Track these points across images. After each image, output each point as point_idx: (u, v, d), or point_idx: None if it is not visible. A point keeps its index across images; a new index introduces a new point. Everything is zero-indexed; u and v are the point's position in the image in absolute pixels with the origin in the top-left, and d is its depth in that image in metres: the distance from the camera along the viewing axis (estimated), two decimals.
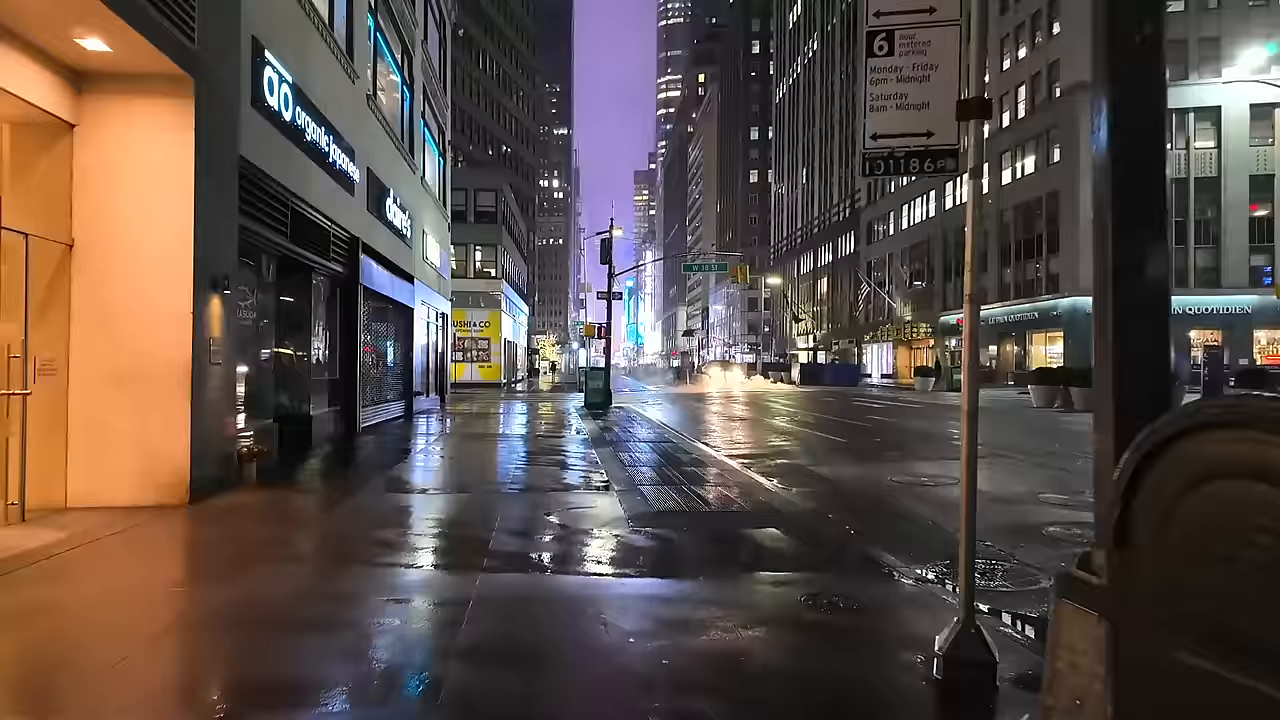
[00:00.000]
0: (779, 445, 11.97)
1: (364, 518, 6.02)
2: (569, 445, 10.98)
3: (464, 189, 39.74)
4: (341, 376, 11.78)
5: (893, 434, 13.63)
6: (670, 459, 9.43)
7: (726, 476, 8.06)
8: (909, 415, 18.31)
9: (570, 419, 16.13)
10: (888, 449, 11.33)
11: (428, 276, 18.56)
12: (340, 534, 5.44)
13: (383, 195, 13.50)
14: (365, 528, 5.62)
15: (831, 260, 67.02)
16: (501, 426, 14.62)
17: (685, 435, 12.86)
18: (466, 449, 10.71)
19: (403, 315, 16.29)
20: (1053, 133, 36.05)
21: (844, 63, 64.74)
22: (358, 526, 5.68)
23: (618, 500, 6.58)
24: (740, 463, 9.46)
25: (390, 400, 15.15)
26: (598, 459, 9.32)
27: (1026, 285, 38.30)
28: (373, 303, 13.81)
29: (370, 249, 12.71)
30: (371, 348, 13.85)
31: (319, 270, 10.57)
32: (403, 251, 15.42)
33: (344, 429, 11.70)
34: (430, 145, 19.67)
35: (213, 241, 6.58)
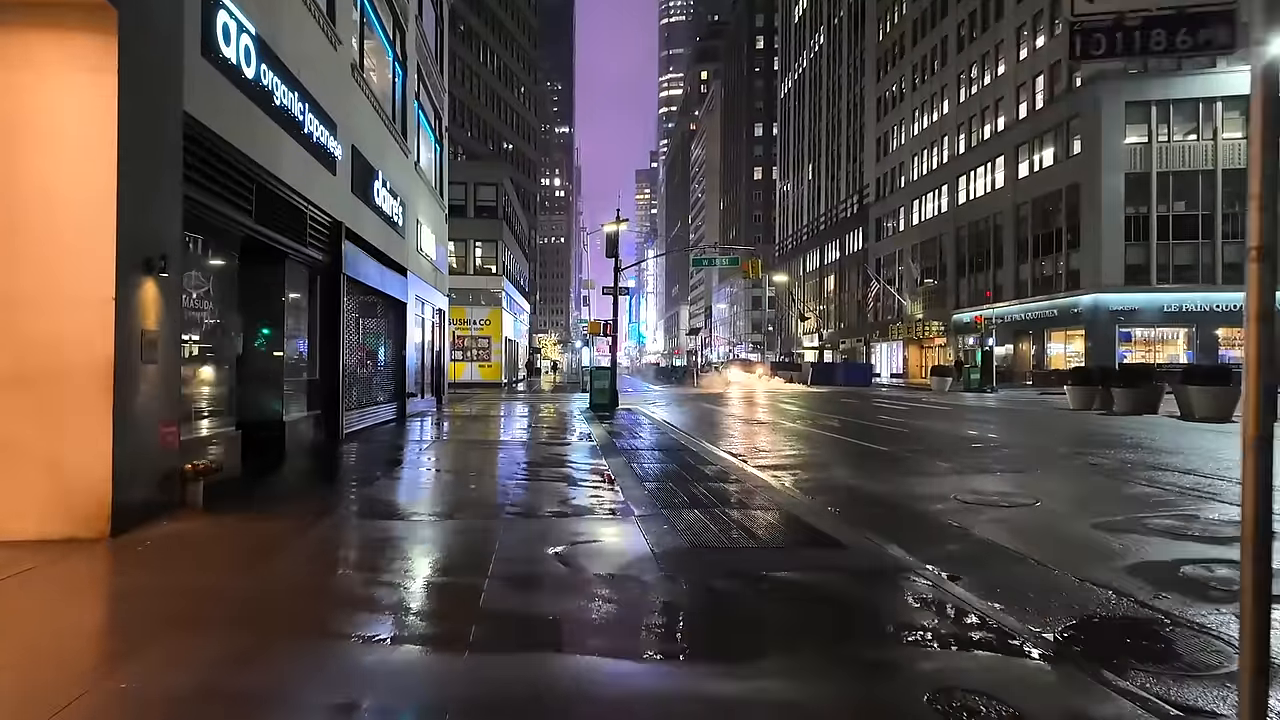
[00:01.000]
0: (810, 454, 10.74)
1: (327, 558, 4.81)
2: (576, 454, 9.77)
3: (463, 183, 38.55)
4: (322, 377, 10.57)
5: (930, 440, 12.41)
6: (692, 471, 8.22)
7: (762, 495, 6.85)
8: (937, 417, 17.09)
9: (575, 422, 14.93)
10: (933, 458, 10.11)
11: (422, 269, 17.36)
12: (291, 583, 4.23)
13: (370, 178, 12.29)
14: (325, 574, 4.41)
15: (839, 257, 65.75)
16: (501, 431, 13.41)
17: (702, 441, 11.65)
18: (461, 459, 9.50)
19: (394, 310, 15.08)
20: (1073, 123, 34.78)
21: (851, 56, 63.46)
22: (316, 572, 4.47)
23: (639, 529, 5.37)
24: (773, 475, 8.24)
25: (380, 403, 13.95)
26: (609, 471, 8.11)
27: (1044, 282, 37.04)
28: (360, 296, 12.61)
29: (355, 236, 11.50)
30: (359, 345, 12.65)
31: (295, 257, 9.36)
32: (394, 241, 14.21)
33: (325, 436, 10.49)
34: (426, 130, 18.46)
35: (144, 213, 5.37)
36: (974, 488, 7.59)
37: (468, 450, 10.36)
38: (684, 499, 6.58)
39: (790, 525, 5.64)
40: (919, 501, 6.93)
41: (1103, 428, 14.22)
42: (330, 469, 8.52)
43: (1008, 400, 25.40)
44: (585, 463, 8.93)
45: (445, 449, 10.53)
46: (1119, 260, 32.96)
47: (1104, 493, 7.39)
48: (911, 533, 5.62)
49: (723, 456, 9.76)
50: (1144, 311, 32.83)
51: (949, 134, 46.47)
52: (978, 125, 43.21)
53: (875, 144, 57.76)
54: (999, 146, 40.61)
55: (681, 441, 11.48)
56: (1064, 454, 10.38)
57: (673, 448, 10.60)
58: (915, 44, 51.15)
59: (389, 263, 13.99)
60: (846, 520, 5.86)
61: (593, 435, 12.15)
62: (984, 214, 41.94)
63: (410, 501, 6.63)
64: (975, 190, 43.26)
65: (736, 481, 7.65)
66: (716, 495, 6.78)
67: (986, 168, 42.03)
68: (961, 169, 44.59)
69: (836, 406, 21.28)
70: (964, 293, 44.46)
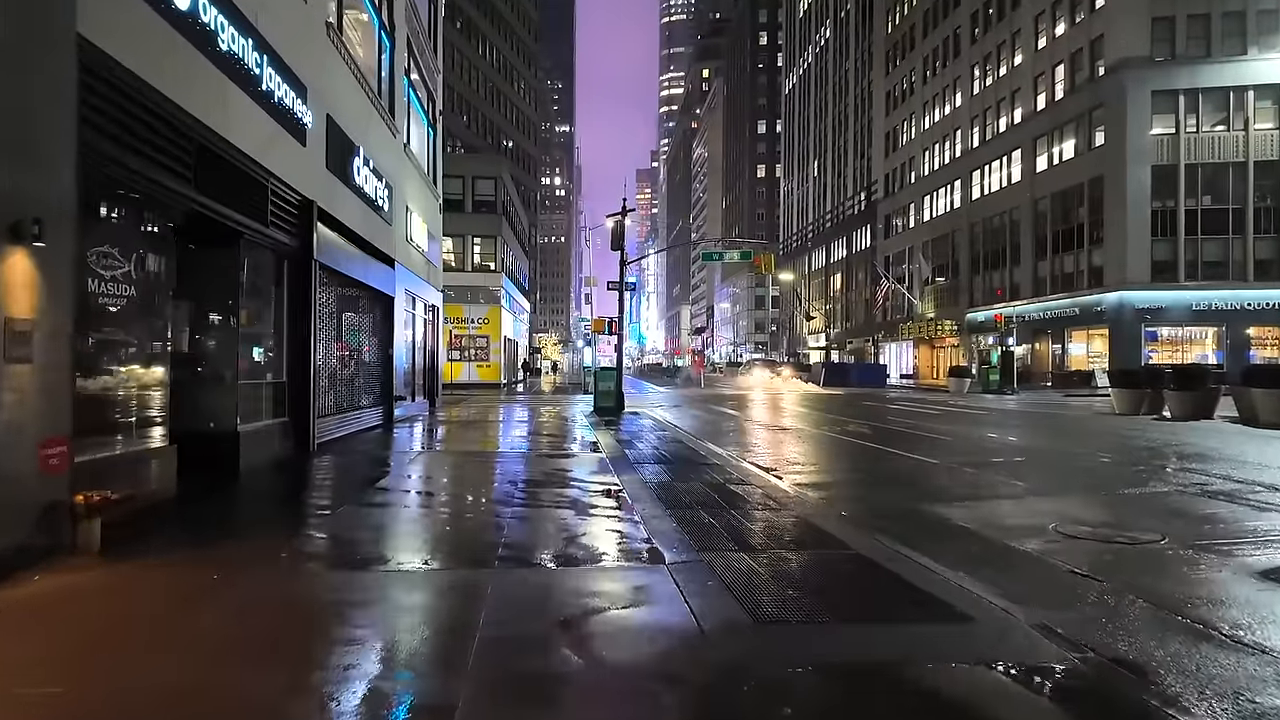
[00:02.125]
0: (853, 468, 9.35)
1: (243, 637, 3.41)
2: (582, 469, 8.37)
3: (461, 176, 37.19)
4: (291, 379, 9.18)
5: (980, 450, 11.02)
6: (722, 492, 6.83)
7: (821, 528, 5.47)
8: (972, 422, 15.70)
9: (580, 428, 13.54)
10: (994, 472, 8.72)
11: (412, 261, 15.97)
12: (167, 689, 2.83)
13: (349, 154, 10.90)
14: (232, 669, 3.02)
15: (845, 255, 64.35)
16: (499, 439, 12.02)
17: (723, 451, 10.26)
18: (449, 477, 8.11)
19: (380, 305, 13.70)
20: (1095, 114, 33.39)
21: (858, 49, 62.10)
22: (220, 664, 3.07)
23: (676, 587, 3.98)
24: (820, 498, 6.86)
25: (363, 407, 12.56)
26: (626, 495, 6.72)
27: (1064, 279, 35.63)
28: (338, 287, 11.22)
29: (330, 218, 10.11)
30: (338, 343, 11.26)
31: (255, 239, 7.97)
32: (379, 228, 12.82)
33: (293, 447, 9.09)
34: (418, 111, 17.07)
35: (7, 161, 3.99)
36: (1067, 514, 6.19)
37: (458, 464, 8.95)
38: (723, 535, 5.19)
39: (874, 579, 4.24)
40: (1013, 535, 5.54)
41: (1166, 436, 12.82)
42: (289, 491, 7.12)
43: (1036, 403, 24.00)
44: (594, 481, 7.53)
45: (432, 463, 9.12)
46: (1145, 256, 31.57)
47: (1232, 523, 6.00)
48: (1044, 591, 4.22)
49: (752, 471, 8.37)
50: (1171, 310, 31.44)
51: (962, 127, 45.07)
52: (993, 118, 41.81)
53: (884, 139, 56.35)
54: (1016, 139, 39.21)
55: (700, 452, 10.09)
56: (1145, 470, 8.98)
57: (693, 460, 9.21)
58: (926, 36, 49.77)
59: (373, 251, 12.61)
60: (945, 570, 4.46)
61: (600, 444, 10.76)
62: (1000, 209, 40.55)
63: (378, 540, 5.23)
64: (990, 185, 41.86)
65: (778, 506, 6.26)
66: (767, 531, 5.40)
67: (1002, 161, 40.64)
68: (975, 163, 43.19)
69: (858, 410, 19.88)
70: (978, 291, 43.06)
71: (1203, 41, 31.36)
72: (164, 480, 6.02)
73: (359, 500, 6.52)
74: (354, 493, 6.99)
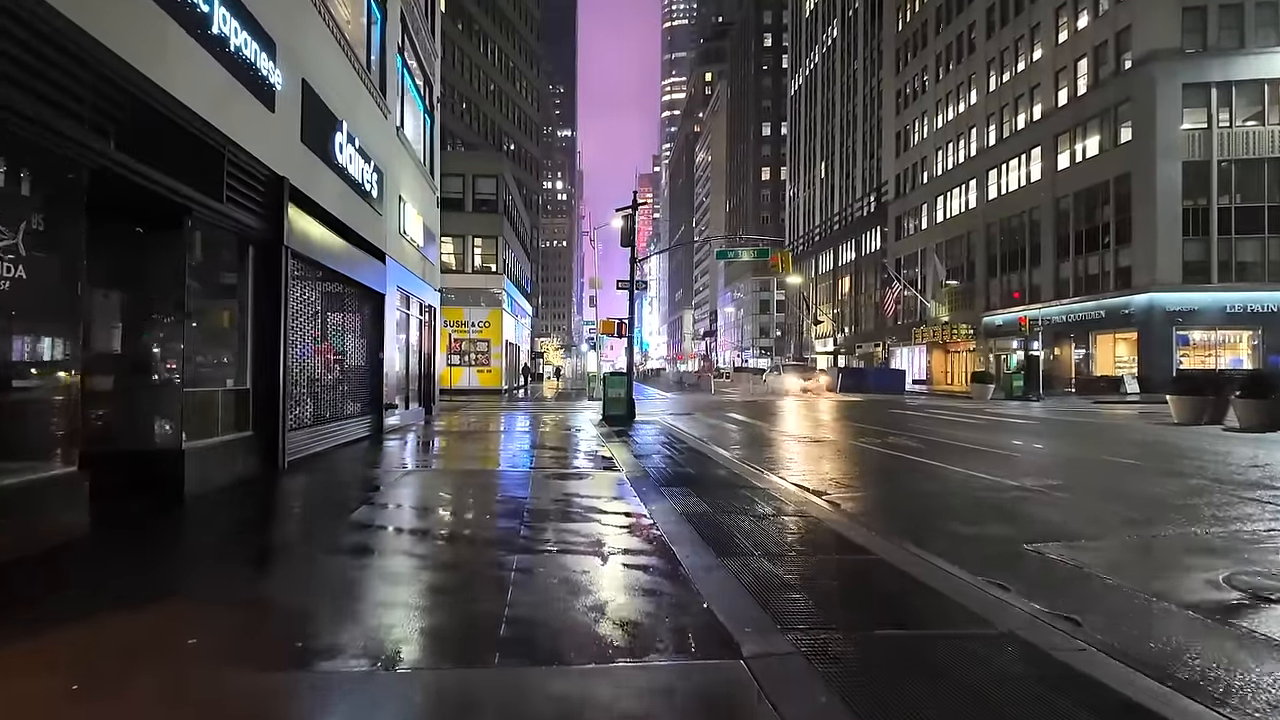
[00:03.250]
0: (922, 494, 7.95)
1: None
2: (602, 496, 6.98)
3: (460, 174, 35.94)
4: (256, 385, 7.81)
5: (1051, 469, 9.63)
6: (783, 532, 5.45)
7: (930, 587, 4.08)
8: (1020, 433, 14.30)
9: (591, 440, 12.16)
10: (1087, 499, 7.33)
11: (406, 256, 14.62)
12: None
13: (330, 128, 9.56)
14: None
15: (854, 258, 63.02)
16: (499, 454, 10.63)
17: (762, 471, 8.88)
18: (436, 507, 6.72)
19: (369, 303, 12.33)
20: (1122, 109, 32.07)
21: (867, 48, 60.92)
22: None
23: (773, 710, 2.59)
24: (906, 534, 5.47)
25: (348, 417, 11.17)
26: (661, 532, 5.34)
27: (1089, 281, 34.24)
28: (318, 282, 9.87)
29: (307, 200, 8.75)
30: (317, 344, 9.90)
31: (208, 217, 6.62)
32: (366, 216, 11.47)
33: (258, 465, 7.71)
34: (413, 95, 15.76)
35: None
36: (1215, 557, 4.80)
37: (451, 488, 7.55)
38: (806, 601, 3.80)
39: (1062, 686, 2.84)
40: (1182, 593, 4.15)
41: (1253, 450, 11.41)
42: (236, 527, 5.72)
43: (1071, 410, 22.57)
44: (617, 512, 6.14)
45: (421, 486, 7.72)
46: (1176, 256, 30.19)
47: None
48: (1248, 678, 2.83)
49: (801, 496, 6.98)
50: (1204, 312, 30.03)
51: (977, 125, 43.76)
52: (1010, 115, 40.49)
53: (894, 139, 55.07)
54: (1035, 137, 37.88)
55: (733, 470, 8.70)
56: (1273, 497, 7.58)
57: (727, 481, 7.81)
58: (939, 32, 48.54)
59: (360, 243, 11.25)
60: (1153, 682, 3.07)
61: (616, 460, 9.37)
62: (1018, 209, 39.20)
63: (334, 612, 3.82)
64: (1008, 184, 40.52)
65: (859, 550, 4.88)
66: (855, 588, 4.02)
67: (1020, 160, 39.31)
68: (992, 162, 41.86)
69: (887, 418, 18.48)
70: (995, 293, 41.70)
71: (1236, 32, 30.05)
72: (67, 516, 4.65)
73: (318, 543, 5.12)
74: (316, 529, 5.61)
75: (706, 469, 8.83)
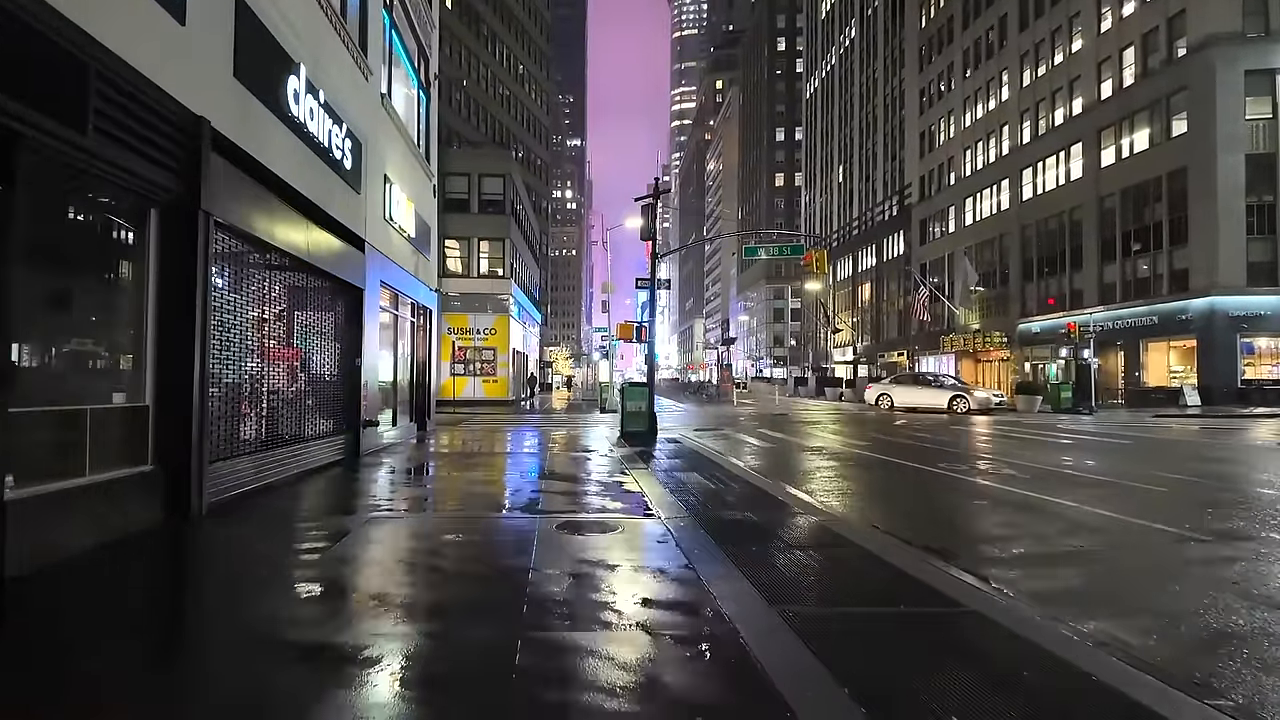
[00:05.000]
0: (1099, 559, 5.70)
1: None
2: (639, 566, 4.78)
3: (466, 174, 34.05)
4: (161, 400, 5.68)
5: (1213, 504, 7.36)
6: (936, 641, 3.25)
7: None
8: (1106, 454, 11.99)
9: (611, 464, 9.96)
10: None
11: (394, 248, 12.53)
12: None
13: (283, 69, 7.47)
14: None
15: (875, 264, 60.69)
16: (502, 488, 8.44)
17: (846, 516, 6.65)
18: (406, 594, 4.51)
19: (343, 299, 10.22)
20: (1175, 99, 29.73)
21: (888, 47, 58.89)
22: None
23: None
24: (1166, 649, 3.25)
25: (312, 439, 9.03)
26: (756, 653, 3.13)
27: (1138, 284, 31.79)
28: (274, 270, 7.77)
29: (242, 154, 6.64)
30: (267, 345, 7.77)
31: (59, 153, 4.51)
32: (335, 191, 9.38)
33: (157, 514, 5.57)
34: (403, 63, 13.74)
35: None
36: None
37: (417, 553, 5.33)
38: None
39: None
40: None
41: None
42: (44, 651, 3.54)
43: (1135, 425, 20.14)
44: (672, 600, 3.94)
45: (386, 545, 5.52)
46: (1239, 257, 27.75)
47: None
48: None
49: (938, 572, 4.77)
50: (1272, 317, 27.52)
51: (1010, 122, 41.48)
52: (1047, 110, 38.20)
53: (918, 140, 52.86)
54: (1075, 132, 35.57)
55: (812, 516, 6.48)
56: None
57: (818, 539, 5.59)
58: (966, 27, 46.40)
59: (328, 223, 9.16)
60: None
61: (648, 499, 7.16)
62: (1057, 209, 36.83)
63: None
64: (1045, 183, 38.17)
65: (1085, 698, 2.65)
66: None
67: (1059, 157, 36.98)
68: (1027, 160, 39.55)
69: (950, 437, 16.18)
70: (1031, 299, 39.27)
71: None
72: None
73: (181, 688, 2.94)
74: (193, 648, 3.43)
75: (769, 512, 6.60)
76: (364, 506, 6.81)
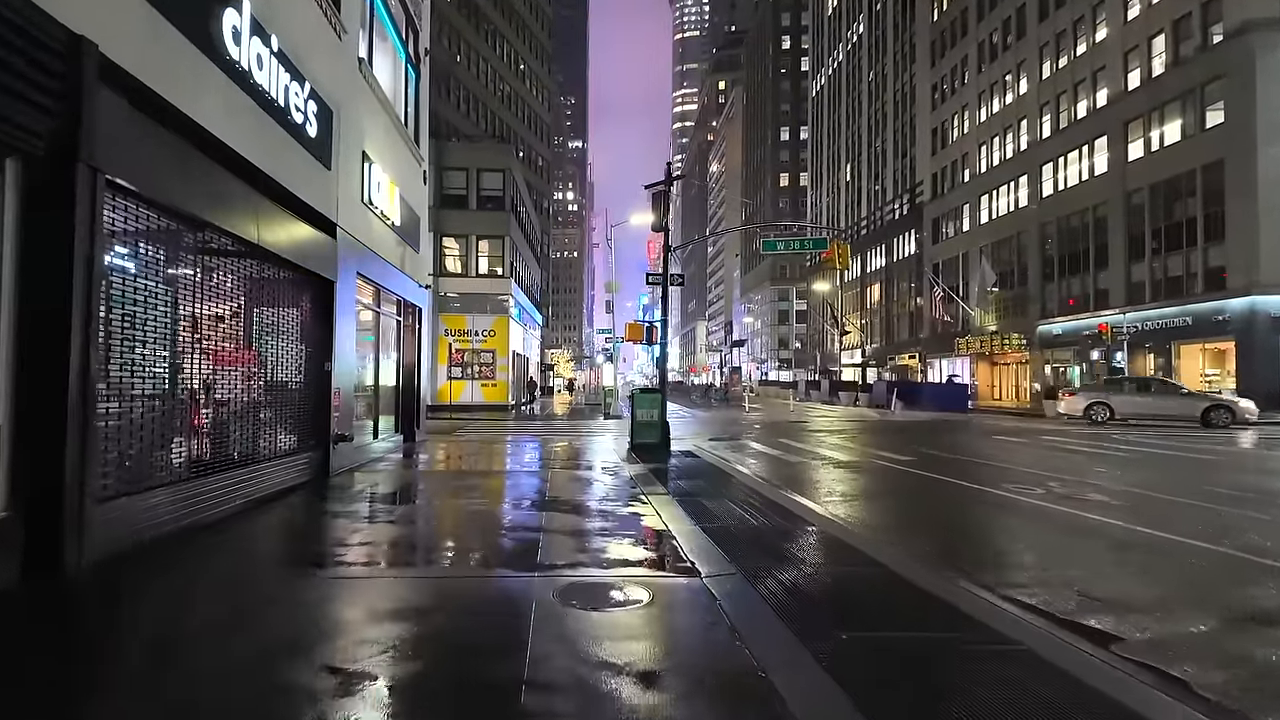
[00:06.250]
0: (1201, 604, 4.15)
1: None
2: (671, 630, 3.25)
3: (464, 169, 32.59)
4: (23, 421, 4.15)
5: None
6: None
7: None
8: (1178, 469, 10.45)
9: (623, 486, 8.43)
10: None
11: (375, 236, 11.01)
12: None
13: (218, 1, 5.96)
14: None
15: (885, 265, 59.16)
16: (485, 530, 6.90)
17: (938, 568, 5.12)
18: (345, 698, 2.97)
19: (307, 292, 8.70)
20: (1210, 89, 28.19)
21: (898, 42, 57.44)
22: None
23: None
24: None
25: (266, 460, 7.49)
26: None
27: (1170, 284, 30.20)
28: (211, 256, 6.24)
29: (150, 95, 5.12)
30: (214, 349, 6.24)
31: None
32: (295, 161, 7.86)
33: (17, 572, 4.04)
34: (386, 28, 12.23)
35: None
36: None
37: (382, 639, 3.79)
38: None
39: None
40: None
41: None
42: None
43: (1184, 433, 18.57)
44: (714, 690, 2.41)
45: (332, 617, 3.99)
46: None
47: None
48: None
49: (1107, 668, 3.23)
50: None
51: (1029, 116, 39.95)
52: (1068, 103, 36.66)
53: (930, 136, 51.35)
54: (1100, 125, 34.03)
55: (875, 557, 4.94)
56: None
57: (921, 606, 4.06)
58: (982, 19, 44.91)
59: (283, 197, 7.64)
60: None
61: (676, 538, 5.63)
62: (1080, 206, 35.27)
63: None
64: (1067, 179, 36.62)
65: None
66: None
67: (1082, 152, 35.44)
68: (1046, 155, 38.00)
69: (996, 449, 14.64)
70: (1051, 300, 37.70)
71: None
72: None
73: None
74: None
75: (854, 573, 5.05)
76: (304, 558, 5.26)
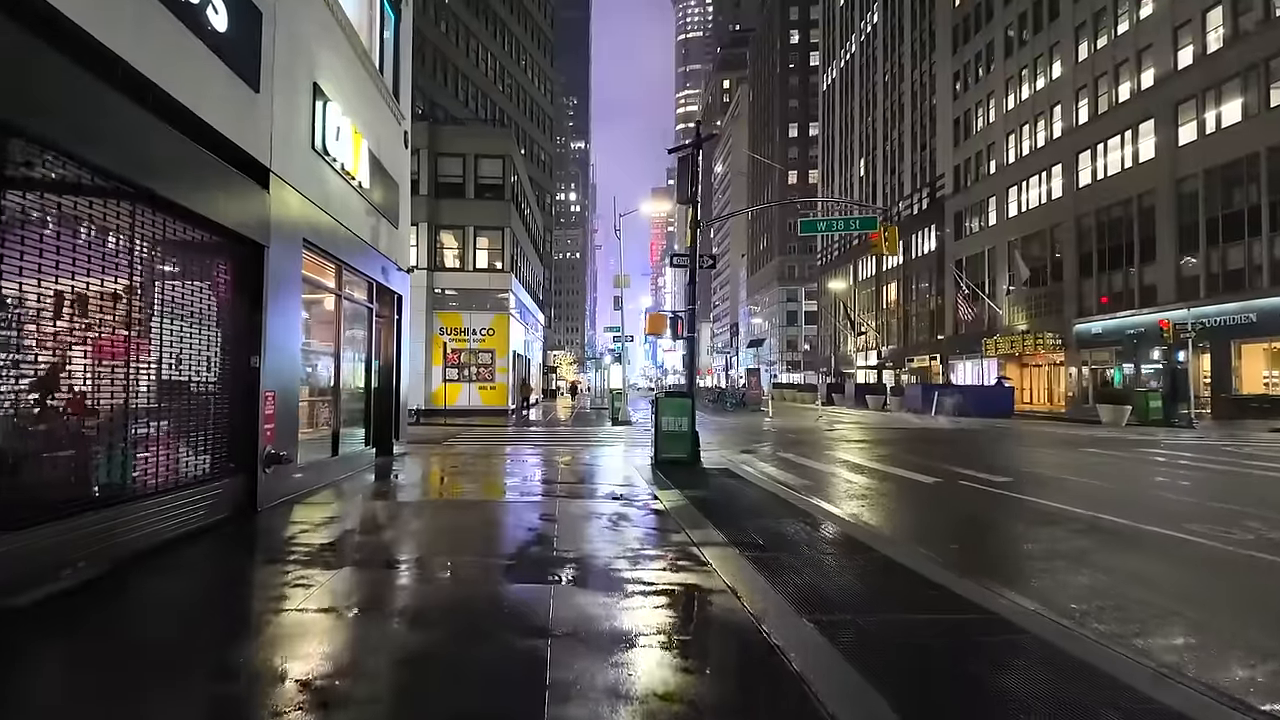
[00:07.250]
0: None
1: None
2: None
3: (461, 155, 30.22)
4: None
5: None
6: None
7: None
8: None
9: (653, 521, 6.05)
10: None
11: (332, 198, 8.62)
12: None
13: None
14: None
15: (902, 262, 56.68)
16: (477, 598, 4.51)
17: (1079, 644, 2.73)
18: None
19: (226, 262, 6.31)
20: (1275, 64, 25.76)
21: (916, 30, 55.03)
22: None
23: None
24: None
25: (148, 495, 5.11)
26: None
27: (1228, 278, 27.75)
28: (50, 189, 3.85)
29: None
30: (52, 335, 3.87)
31: None
32: (197, 69, 5.48)
33: None
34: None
35: None
36: None
37: None
38: None
39: None
40: None
41: None
42: None
43: (1272, 443, 16.12)
44: None
45: None
46: None
47: None
48: None
49: None
50: None
51: (1063, 102, 37.50)
52: (1109, 85, 34.23)
53: (952, 127, 48.92)
54: (1146, 108, 31.59)
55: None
56: None
57: None
58: (1009, 2, 42.50)
59: (186, 123, 5.26)
60: None
61: (766, 630, 3.23)
62: (1122, 195, 32.82)
63: None
64: (1107, 166, 34.18)
65: None
66: None
67: (1124, 138, 33.00)
68: (1084, 143, 35.56)
69: (1083, 463, 12.24)
70: (1089, 296, 35.23)
71: None
72: None
73: None
74: None
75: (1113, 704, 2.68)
76: (126, 688, 2.87)
